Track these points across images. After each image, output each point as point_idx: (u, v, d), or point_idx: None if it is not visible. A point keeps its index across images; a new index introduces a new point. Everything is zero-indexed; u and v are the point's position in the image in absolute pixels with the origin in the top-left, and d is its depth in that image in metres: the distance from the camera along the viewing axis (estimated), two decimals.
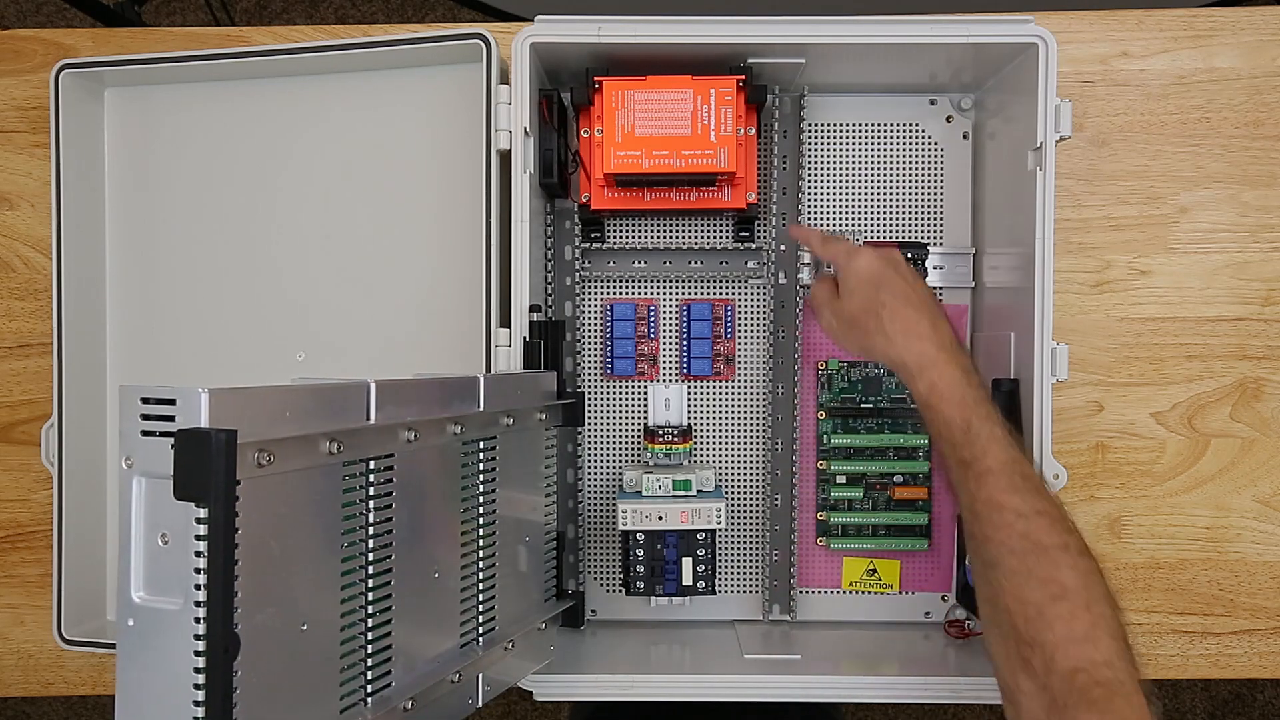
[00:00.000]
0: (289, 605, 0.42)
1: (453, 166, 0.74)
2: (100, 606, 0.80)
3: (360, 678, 0.47)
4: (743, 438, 0.78)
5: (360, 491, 0.47)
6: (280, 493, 0.41)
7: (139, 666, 0.38)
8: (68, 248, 0.77)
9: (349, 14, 1.69)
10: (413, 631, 0.51)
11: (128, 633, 0.38)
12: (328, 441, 0.43)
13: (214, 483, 0.36)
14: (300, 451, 0.42)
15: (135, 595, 0.38)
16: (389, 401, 0.48)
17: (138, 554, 0.38)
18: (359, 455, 0.46)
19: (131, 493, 0.38)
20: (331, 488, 0.45)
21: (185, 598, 0.37)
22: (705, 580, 0.73)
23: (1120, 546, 0.80)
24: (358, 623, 0.47)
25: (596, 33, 0.66)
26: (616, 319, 0.77)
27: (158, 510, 0.38)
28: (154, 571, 0.38)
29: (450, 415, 0.53)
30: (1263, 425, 0.79)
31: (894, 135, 0.78)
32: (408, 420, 0.49)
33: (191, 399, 0.37)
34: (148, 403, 0.37)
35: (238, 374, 0.78)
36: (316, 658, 0.44)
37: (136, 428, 0.38)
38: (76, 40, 0.81)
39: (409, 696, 0.49)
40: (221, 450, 0.36)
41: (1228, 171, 0.79)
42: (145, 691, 0.38)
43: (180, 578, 0.37)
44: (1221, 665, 0.80)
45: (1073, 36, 0.79)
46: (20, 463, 0.82)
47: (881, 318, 0.62)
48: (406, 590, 0.50)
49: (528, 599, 0.64)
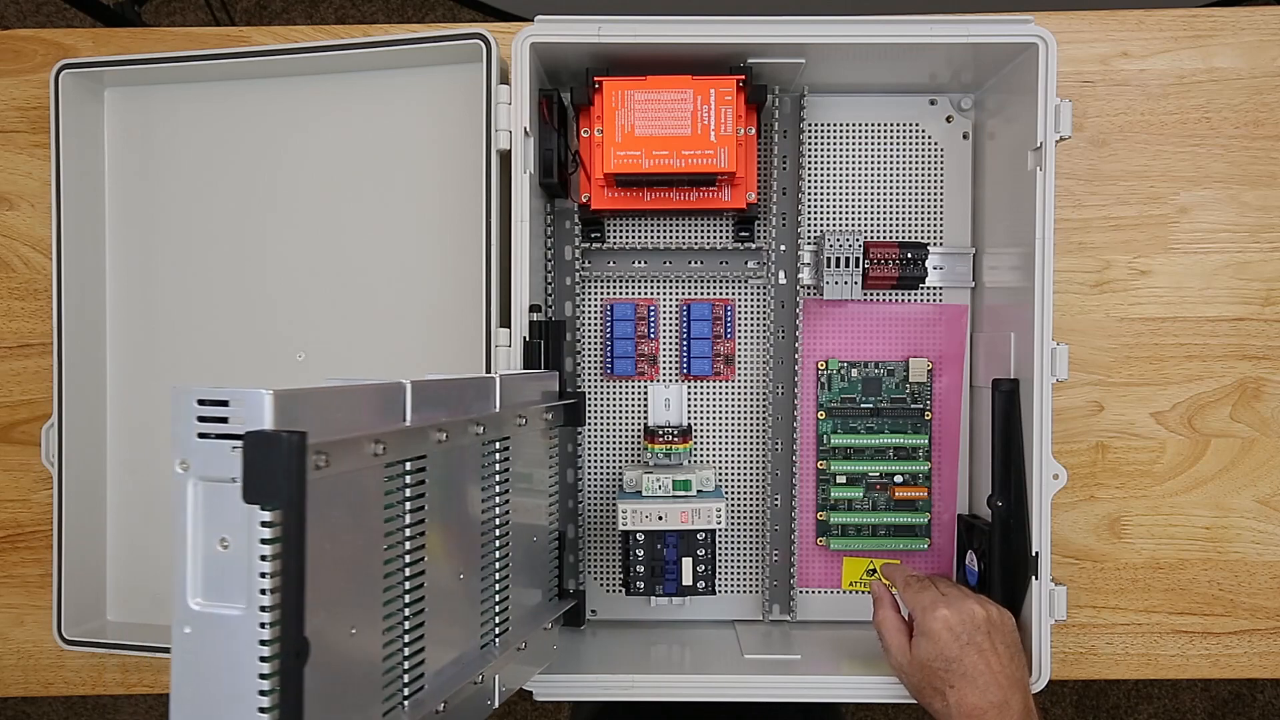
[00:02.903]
0: (340, 609, 0.41)
1: (453, 166, 0.74)
2: (100, 606, 0.80)
3: (398, 681, 0.46)
4: (742, 438, 0.79)
5: (399, 493, 0.46)
6: (332, 495, 0.40)
7: (197, 675, 0.37)
8: (68, 248, 0.77)
9: (349, 14, 1.69)
10: (442, 634, 0.50)
11: (184, 641, 0.37)
12: (372, 443, 0.42)
13: (287, 485, 0.35)
14: (350, 453, 0.41)
15: (192, 602, 0.37)
16: (423, 402, 0.48)
17: (195, 559, 0.37)
18: (398, 456, 0.45)
19: (187, 497, 0.37)
20: (375, 489, 0.44)
21: (249, 603, 0.36)
22: (705, 580, 0.73)
23: (1120, 546, 0.80)
24: (396, 626, 0.46)
25: (596, 33, 0.66)
26: (616, 319, 0.77)
27: (216, 514, 0.37)
28: (213, 577, 0.37)
29: (473, 416, 0.53)
30: (1263, 425, 0.79)
31: (894, 135, 0.78)
32: (440, 421, 0.49)
33: (254, 401, 0.36)
34: (204, 404, 0.37)
35: (238, 374, 0.78)
36: (363, 662, 0.44)
37: (192, 430, 0.37)
38: (76, 40, 0.81)
39: (441, 699, 0.49)
40: (294, 451, 0.35)
41: (1228, 171, 0.79)
42: (205, 700, 0.37)
43: (242, 582, 0.36)
44: (1221, 665, 0.80)
45: (1073, 36, 0.79)
46: (20, 463, 0.82)
47: (943, 691, 0.61)
48: (437, 592, 0.50)
49: (535, 599, 0.64)
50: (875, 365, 0.78)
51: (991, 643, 0.62)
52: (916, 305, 0.78)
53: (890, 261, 0.74)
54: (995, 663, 0.61)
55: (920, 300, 0.78)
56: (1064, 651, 0.80)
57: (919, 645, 0.63)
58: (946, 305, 0.78)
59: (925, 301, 0.78)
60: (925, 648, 0.62)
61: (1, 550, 0.82)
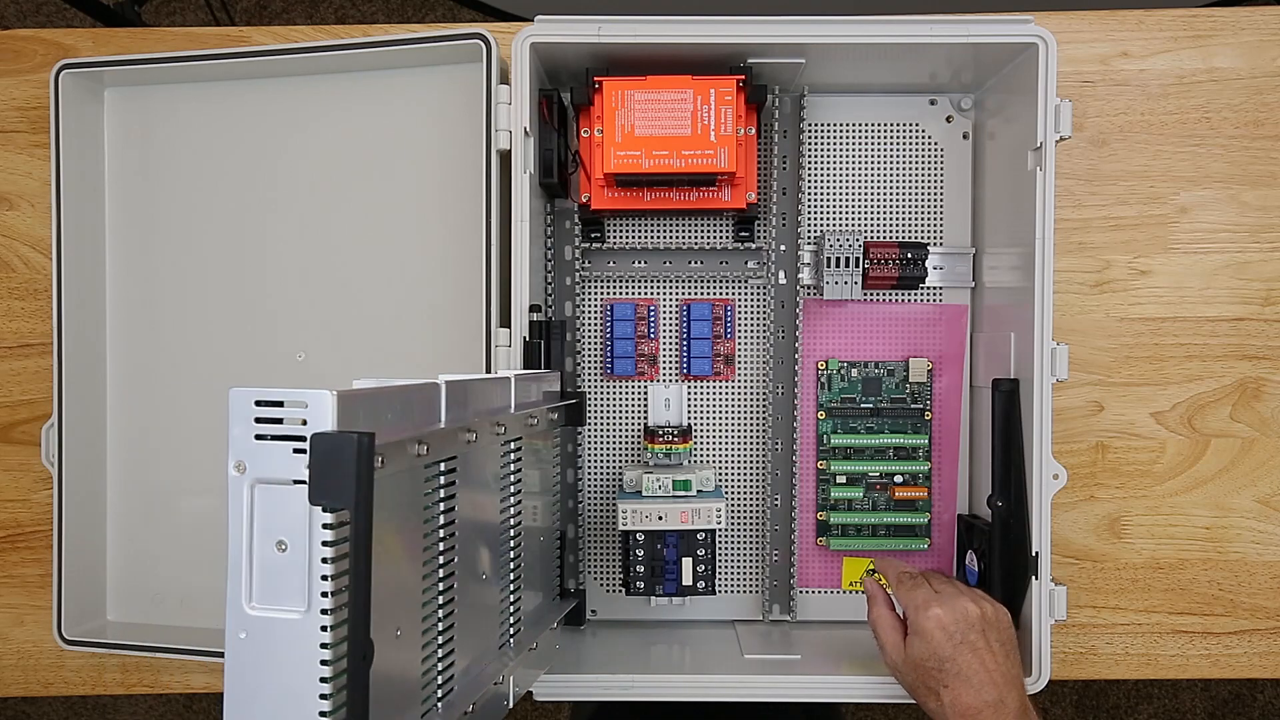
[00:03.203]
0: (389, 611, 0.41)
1: (453, 166, 0.74)
2: (100, 606, 0.80)
3: (434, 683, 0.46)
4: (742, 438, 0.79)
5: (434, 494, 0.46)
6: (384, 497, 0.40)
7: (253, 680, 0.36)
8: (68, 248, 0.77)
9: (349, 14, 1.69)
10: (469, 635, 0.50)
11: (240, 645, 0.37)
12: (416, 444, 0.42)
13: (355, 486, 0.34)
14: (399, 454, 0.40)
15: (248, 607, 0.37)
16: (454, 403, 0.47)
17: (250, 563, 0.37)
18: (436, 457, 0.45)
19: (243, 499, 0.36)
20: (416, 491, 0.44)
21: (309, 606, 0.36)
22: (705, 580, 0.73)
23: (1120, 546, 0.80)
24: (433, 628, 0.46)
25: (596, 33, 0.66)
26: (616, 319, 0.77)
27: (274, 517, 0.36)
28: (270, 580, 0.36)
29: (495, 417, 0.53)
30: (1263, 425, 0.79)
31: (894, 135, 0.78)
32: (470, 421, 0.49)
33: (319, 402, 0.36)
34: (262, 405, 0.36)
35: (238, 374, 0.78)
36: (406, 664, 0.43)
37: (249, 431, 0.36)
38: (76, 40, 0.81)
39: (470, 701, 0.49)
40: (364, 453, 0.34)
41: (1228, 171, 0.79)
42: (262, 704, 0.36)
43: (301, 586, 0.36)
44: (1221, 665, 0.80)
45: (1073, 36, 0.79)
46: (20, 463, 0.82)
47: (937, 691, 0.61)
48: (466, 593, 0.50)
49: (542, 600, 0.64)
50: (875, 365, 0.78)
51: (986, 641, 0.61)
52: (916, 305, 0.78)
53: (890, 261, 0.74)
54: (990, 661, 0.60)
55: (920, 300, 0.78)
56: (1064, 651, 0.80)
57: (913, 644, 0.62)
58: (946, 305, 0.78)
59: (925, 301, 0.78)
60: (919, 647, 0.62)
61: (1, 550, 0.82)
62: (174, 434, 0.79)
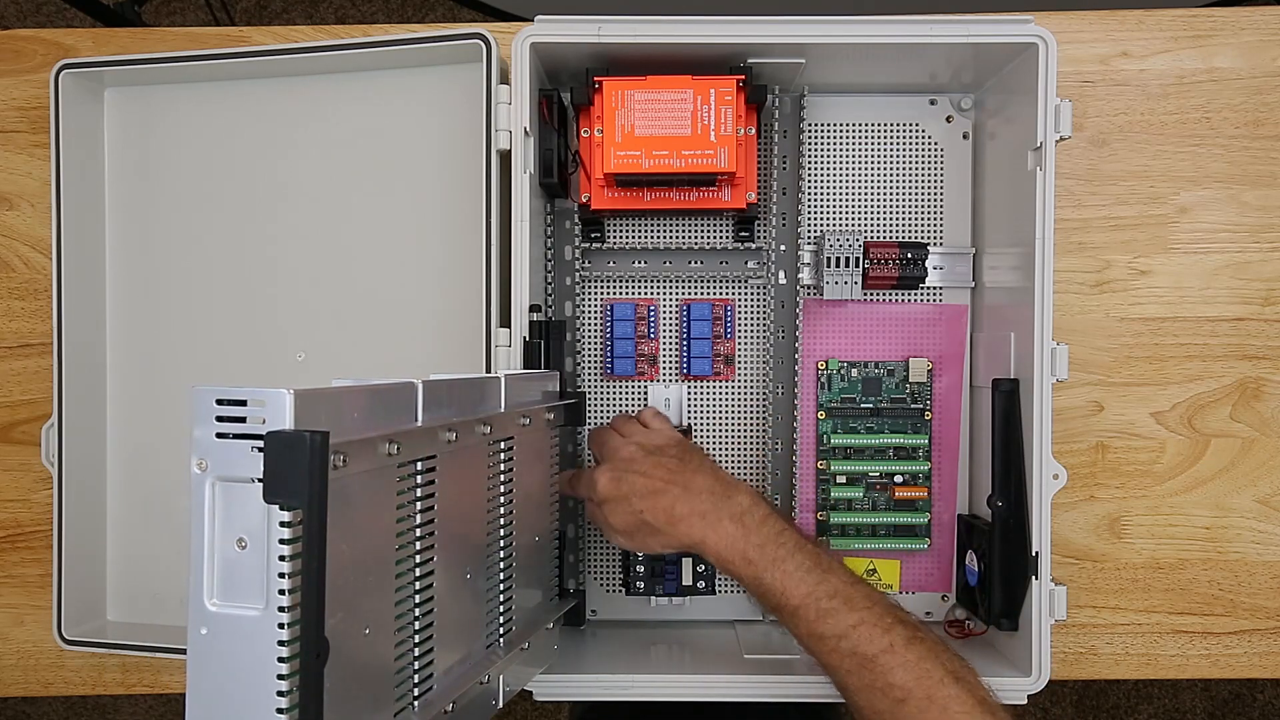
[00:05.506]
0: (355, 610, 0.41)
1: (453, 166, 0.74)
2: (100, 606, 0.80)
3: (409, 681, 0.47)
4: (742, 438, 0.78)
5: (410, 494, 0.46)
6: (348, 495, 0.40)
7: (214, 676, 0.37)
8: (68, 248, 0.77)
9: (349, 14, 1.69)
10: (451, 634, 0.51)
11: (200, 642, 0.37)
12: (387, 443, 0.42)
13: (308, 485, 0.35)
14: (365, 453, 0.41)
15: (209, 603, 0.37)
16: (433, 402, 0.48)
17: (212, 560, 0.37)
18: (410, 457, 0.45)
19: (205, 496, 0.37)
20: (388, 490, 0.44)
21: (267, 603, 0.36)
22: (705, 580, 0.73)
23: (1120, 546, 0.80)
24: (408, 626, 0.46)
25: (596, 33, 0.66)
26: (616, 319, 0.77)
27: (234, 514, 0.37)
28: (231, 577, 0.37)
29: (480, 416, 0.53)
30: (1263, 425, 0.79)
31: (894, 135, 0.78)
32: (450, 421, 0.49)
33: (276, 400, 0.36)
34: (223, 404, 0.36)
35: (238, 374, 0.78)
36: (376, 662, 0.44)
37: (211, 430, 0.37)
38: (76, 40, 0.81)
39: (450, 700, 0.49)
40: (316, 451, 0.35)
41: (1228, 171, 0.79)
42: (222, 701, 0.37)
43: (260, 583, 0.36)
44: (1221, 665, 0.80)
45: (1073, 36, 0.79)
46: (20, 463, 0.82)
47: (646, 520, 0.62)
48: (446, 593, 0.50)
49: (538, 599, 0.64)
50: (875, 365, 0.78)
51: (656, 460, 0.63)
52: (916, 305, 0.78)
53: (890, 261, 0.74)
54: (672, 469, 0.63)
55: (920, 300, 0.78)
56: (1064, 651, 0.80)
57: (611, 515, 0.63)
58: (946, 305, 0.78)
59: (925, 301, 0.78)
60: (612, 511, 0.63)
61: (1, 550, 0.82)
62: (174, 434, 0.79)
